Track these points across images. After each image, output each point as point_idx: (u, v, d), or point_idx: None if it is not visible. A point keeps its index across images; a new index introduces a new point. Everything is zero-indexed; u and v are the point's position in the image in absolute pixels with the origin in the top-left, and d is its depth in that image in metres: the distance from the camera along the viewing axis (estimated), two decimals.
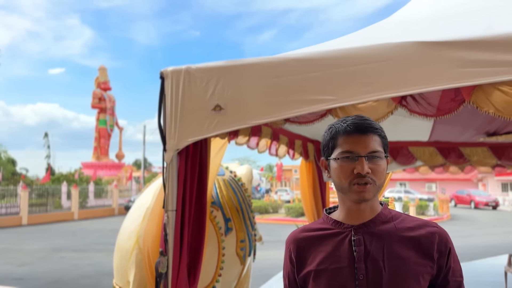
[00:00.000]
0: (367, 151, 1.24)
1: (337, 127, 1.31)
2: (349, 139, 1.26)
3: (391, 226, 1.29)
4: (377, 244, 1.26)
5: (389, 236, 1.27)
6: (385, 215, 1.32)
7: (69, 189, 25.20)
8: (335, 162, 1.28)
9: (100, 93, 40.61)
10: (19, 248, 12.40)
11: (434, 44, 2.14)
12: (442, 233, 1.29)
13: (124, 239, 3.42)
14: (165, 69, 2.61)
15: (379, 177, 1.25)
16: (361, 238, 1.27)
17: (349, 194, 1.27)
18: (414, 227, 1.29)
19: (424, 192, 37.74)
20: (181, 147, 2.58)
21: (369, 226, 1.29)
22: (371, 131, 1.27)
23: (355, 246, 1.26)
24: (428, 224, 1.30)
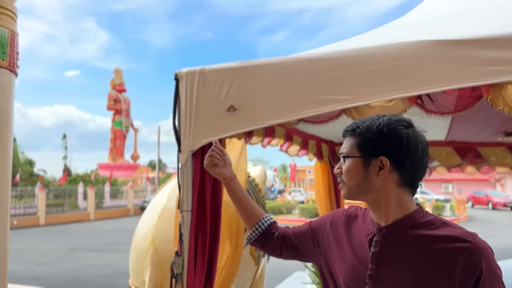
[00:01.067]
0: (340, 152, 1.34)
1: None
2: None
3: (418, 233, 1.21)
4: (394, 250, 1.22)
5: (410, 243, 1.20)
6: (415, 219, 1.23)
7: (85, 189, 25.57)
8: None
9: (116, 95, 41.12)
10: (37, 248, 12.63)
11: (449, 43, 2.11)
12: (476, 251, 1.13)
13: (139, 239, 3.45)
14: (179, 70, 2.63)
15: (346, 178, 1.30)
16: (380, 241, 1.25)
17: None
18: (443, 238, 1.17)
19: (441, 193, 37.23)
20: (196, 148, 2.60)
21: (392, 229, 1.24)
22: (348, 134, 1.33)
23: (373, 247, 1.26)
24: (463, 238, 1.16)
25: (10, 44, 1.37)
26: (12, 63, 1.38)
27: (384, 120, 1.28)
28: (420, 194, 30.27)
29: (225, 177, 1.67)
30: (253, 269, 3.71)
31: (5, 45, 1.35)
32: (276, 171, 50.83)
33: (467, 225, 19.49)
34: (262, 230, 1.61)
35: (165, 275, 3.09)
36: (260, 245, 1.63)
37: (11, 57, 1.37)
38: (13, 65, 1.39)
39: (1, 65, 1.34)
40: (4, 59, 1.34)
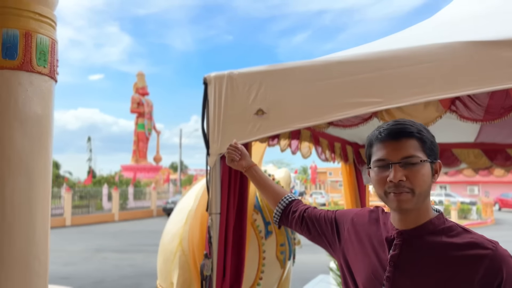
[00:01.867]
0: (399, 157, 1.18)
1: (372, 135, 1.28)
2: (381, 146, 1.22)
3: (438, 240, 1.19)
4: (413, 255, 1.20)
5: (430, 249, 1.18)
6: (435, 225, 1.22)
7: (109, 191, 26.02)
8: (372, 171, 1.26)
9: (139, 98, 41.74)
10: (64, 249, 12.91)
11: (484, 44, 2.07)
12: (497, 258, 1.12)
13: (167, 241, 3.49)
14: (208, 75, 2.65)
15: (417, 184, 1.17)
16: (400, 244, 1.22)
17: (389, 203, 1.23)
18: (463, 246, 1.16)
19: (466, 195, 36.34)
20: (224, 151, 2.61)
21: (412, 234, 1.22)
22: (404, 136, 1.19)
23: (392, 250, 1.24)
24: (483, 245, 1.15)
25: (51, 52, 1.41)
26: (53, 70, 1.42)
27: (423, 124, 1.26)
28: (445, 197, 29.64)
29: (243, 166, 1.84)
30: (279, 272, 3.70)
31: (46, 52, 1.39)
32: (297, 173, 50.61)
33: (494, 228, 18.97)
34: (282, 208, 1.67)
35: (193, 276, 3.12)
36: (283, 223, 1.69)
37: (51, 64, 1.41)
38: (53, 72, 1.43)
39: (43, 72, 1.39)
40: (45, 67, 1.38)
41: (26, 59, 1.35)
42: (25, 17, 1.37)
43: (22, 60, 1.34)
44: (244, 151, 1.89)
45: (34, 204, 1.41)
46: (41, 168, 1.42)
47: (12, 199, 1.36)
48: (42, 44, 1.39)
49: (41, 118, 1.42)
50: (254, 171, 1.83)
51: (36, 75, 1.38)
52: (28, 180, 1.39)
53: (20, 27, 1.36)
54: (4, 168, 1.35)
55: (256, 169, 1.84)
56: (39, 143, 1.41)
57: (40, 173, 1.42)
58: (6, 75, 1.34)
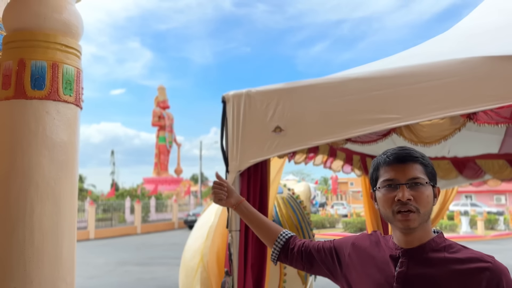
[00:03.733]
0: (407, 178, 1.29)
1: (379, 159, 1.38)
2: (389, 168, 1.33)
3: (441, 256, 1.28)
4: (419, 271, 1.27)
5: (434, 265, 1.27)
6: (437, 244, 1.31)
7: (132, 204, 26.33)
8: (379, 191, 1.34)
9: (160, 111, 42.38)
10: (88, 262, 13.10)
11: (503, 59, 2.05)
12: (496, 270, 1.22)
13: (188, 257, 3.53)
14: (226, 93, 2.69)
15: (422, 205, 1.27)
16: (406, 262, 1.30)
17: (395, 223, 1.31)
18: (465, 260, 1.25)
19: (493, 205, 35.32)
20: (243, 168, 2.64)
21: (417, 252, 1.30)
22: (410, 160, 1.31)
23: (398, 268, 1.30)
24: (483, 259, 1.25)
25: (76, 81, 1.48)
26: (78, 98, 1.48)
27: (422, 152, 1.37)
28: (470, 207, 28.90)
29: (232, 204, 1.78)
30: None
31: (72, 82, 1.46)
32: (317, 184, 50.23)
33: None
34: (280, 247, 1.66)
35: None
36: (283, 261, 1.68)
37: (77, 93, 1.47)
38: (79, 100, 1.49)
39: (69, 100, 1.45)
40: (71, 95, 1.44)
41: (53, 89, 1.41)
42: (52, 49, 1.44)
43: (49, 90, 1.41)
44: (229, 187, 1.81)
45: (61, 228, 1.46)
46: (68, 192, 1.48)
47: (41, 224, 1.42)
48: (68, 74, 1.46)
49: (67, 145, 1.48)
50: (243, 207, 1.77)
51: (63, 104, 1.45)
52: (55, 205, 1.45)
53: (48, 58, 1.43)
54: (32, 193, 1.42)
55: (245, 205, 1.78)
56: (65, 169, 1.47)
57: (67, 197, 1.48)
58: (35, 104, 1.41)
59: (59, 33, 1.46)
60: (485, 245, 15.56)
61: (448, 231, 19.88)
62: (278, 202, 3.81)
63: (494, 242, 17.12)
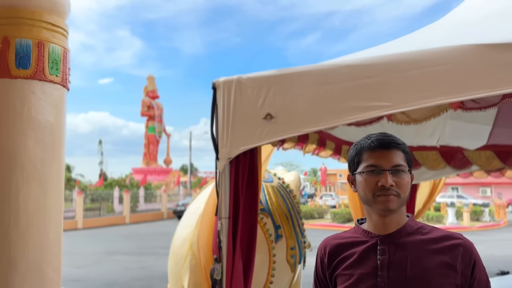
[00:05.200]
0: (391, 165, 1.33)
1: (362, 143, 1.41)
2: (373, 154, 1.36)
3: (416, 238, 1.36)
4: (401, 255, 1.33)
5: (413, 247, 1.34)
6: (411, 227, 1.38)
7: (120, 194, 26.20)
8: (361, 175, 1.38)
9: (149, 101, 42.03)
10: (76, 251, 13.02)
11: (493, 47, 2.05)
12: (467, 245, 1.33)
13: (178, 245, 3.51)
14: (217, 79, 2.66)
15: (403, 190, 1.33)
16: (386, 248, 1.35)
17: (374, 206, 1.35)
18: (439, 239, 1.34)
19: (478, 197, 35.89)
20: (233, 156, 2.62)
21: (394, 237, 1.36)
22: (394, 147, 1.36)
23: (379, 255, 1.35)
24: (454, 236, 1.36)
25: (63, 61, 1.44)
26: (65, 79, 1.45)
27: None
28: (457, 199, 29.33)
29: None
30: (289, 276, 3.70)
31: (59, 62, 1.42)
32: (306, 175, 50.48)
33: (508, 230, 18.70)
34: None
35: (203, 281, 3.13)
36: None
37: (63, 73, 1.43)
38: (65, 81, 1.46)
39: (55, 81, 1.41)
40: (57, 75, 1.41)
41: (39, 68, 1.37)
42: (38, 27, 1.40)
43: (35, 69, 1.37)
44: None
45: (47, 211, 1.43)
46: (54, 175, 1.45)
47: (26, 207, 1.39)
48: (55, 53, 1.42)
49: (53, 126, 1.44)
50: None
51: (49, 84, 1.41)
52: (41, 187, 1.42)
53: (33, 37, 1.39)
54: (18, 175, 1.38)
55: None
56: (52, 151, 1.44)
57: (53, 180, 1.45)
58: (20, 84, 1.37)
59: (45, 11, 1.42)
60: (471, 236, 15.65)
61: (434, 222, 20.14)
62: (268, 191, 3.81)
63: (479, 233, 17.41)
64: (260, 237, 3.35)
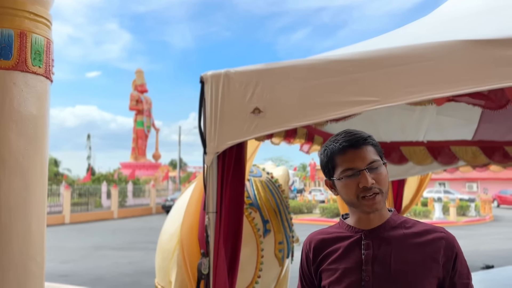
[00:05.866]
0: (366, 163, 1.32)
1: (331, 148, 1.38)
2: (346, 157, 1.34)
3: (400, 232, 1.37)
4: (385, 249, 1.35)
5: (397, 241, 1.35)
6: (394, 221, 1.40)
7: (108, 188, 26.02)
8: (339, 181, 1.37)
9: (137, 95, 41.69)
10: (63, 246, 12.92)
11: (481, 43, 2.06)
12: (449, 238, 1.35)
13: (165, 240, 3.49)
14: (204, 73, 2.64)
15: (383, 185, 1.34)
16: (370, 243, 1.36)
17: (361, 207, 1.35)
18: (422, 233, 1.36)
19: (465, 192, 36.38)
20: (221, 150, 2.61)
21: (378, 231, 1.37)
22: (363, 143, 1.35)
23: (364, 250, 1.36)
24: (436, 229, 1.37)
25: (46, 52, 1.41)
26: (48, 70, 1.41)
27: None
28: (443, 194, 29.69)
29: None
30: (278, 270, 3.71)
31: (42, 52, 1.39)
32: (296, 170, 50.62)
33: (493, 225, 19.01)
34: None
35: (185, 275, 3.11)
36: None
37: (47, 64, 1.40)
38: (49, 72, 1.43)
39: (38, 72, 1.38)
40: (40, 66, 1.38)
41: (21, 59, 1.34)
42: (20, 17, 1.36)
43: (17, 60, 1.33)
44: None
45: (30, 205, 1.41)
46: (37, 168, 1.42)
47: (8, 200, 1.36)
48: (37, 44, 1.39)
49: (36, 118, 1.42)
50: None
51: (31, 75, 1.38)
52: (23, 181, 1.39)
53: (15, 27, 1.35)
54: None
55: None
56: (34, 144, 1.41)
57: (36, 173, 1.42)
58: (1, 75, 1.34)
59: (28, 0, 1.38)
60: (457, 231, 16.04)
61: (422, 217, 20.39)
62: (257, 185, 3.81)
63: (465, 228, 17.68)
64: (248, 232, 3.35)
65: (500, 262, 8.97)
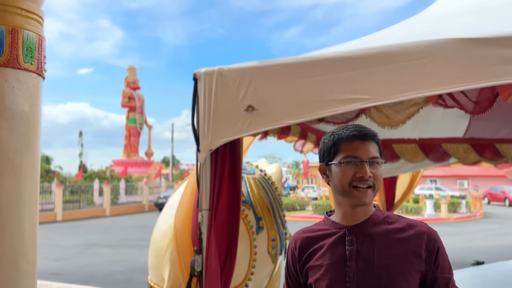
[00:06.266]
0: (369, 156, 1.35)
1: (339, 134, 1.41)
2: (352, 145, 1.37)
3: (383, 228, 1.39)
4: (368, 244, 1.36)
5: (380, 236, 1.37)
6: (378, 217, 1.42)
7: (101, 186, 25.89)
8: (338, 166, 1.38)
9: (130, 92, 41.48)
10: (55, 244, 12.84)
11: (473, 41, 2.08)
12: (431, 233, 1.37)
13: (158, 237, 3.49)
14: (198, 70, 2.64)
15: (378, 182, 1.36)
16: (354, 239, 1.38)
17: (350, 198, 1.37)
18: (404, 228, 1.38)
19: (456, 189, 36.69)
20: (214, 148, 2.61)
21: (362, 227, 1.39)
22: (371, 138, 1.38)
23: (348, 246, 1.37)
24: (418, 224, 1.39)
25: (38, 48, 1.39)
26: (40, 67, 1.40)
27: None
28: (435, 191, 29.93)
29: None
30: (271, 267, 3.72)
31: (33, 49, 1.38)
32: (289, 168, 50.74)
33: (483, 222, 19.21)
34: None
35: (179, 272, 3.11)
36: None
37: (38, 61, 1.39)
38: (41, 69, 1.41)
39: (30, 69, 1.37)
40: (32, 63, 1.36)
41: (12, 55, 1.33)
42: (11, 13, 1.35)
43: (8, 57, 1.32)
44: None
45: (22, 203, 1.40)
46: (29, 166, 1.41)
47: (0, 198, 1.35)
48: (29, 40, 1.38)
49: (28, 116, 1.40)
50: None
51: (23, 72, 1.37)
52: (15, 179, 1.38)
53: (6, 23, 1.34)
54: None
55: None
56: (26, 141, 1.40)
57: (28, 171, 1.41)
58: None
59: None
60: (448, 227, 16.20)
61: (413, 214, 20.56)
62: (250, 182, 3.81)
63: (456, 225, 17.84)
64: (242, 229, 3.35)
65: (491, 258, 9.07)
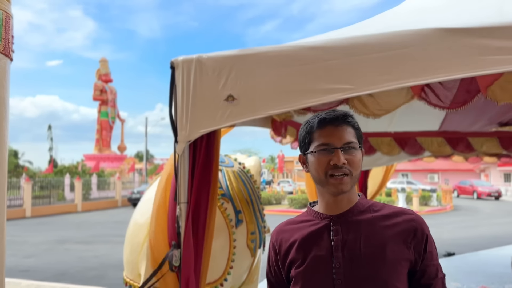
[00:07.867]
0: (342, 142, 1.30)
1: (312, 122, 1.37)
2: (324, 132, 1.32)
3: (368, 216, 1.34)
4: (354, 234, 1.31)
5: (366, 225, 1.32)
6: (362, 205, 1.37)
7: (72, 181, 25.26)
8: (312, 155, 1.34)
9: (102, 85, 40.52)
10: (24, 240, 12.44)
11: (455, 31, 2.08)
12: (418, 220, 1.33)
13: (134, 232, 3.38)
14: (175, 58, 2.55)
15: (355, 168, 1.31)
16: (339, 228, 1.33)
17: (327, 187, 1.32)
18: (391, 215, 1.34)
19: (427, 183, 37.70)
20: (193, 139, 2.54)
21: (346, 216, 1.34)
22: (344, 123, 1.33)
23: (333, 236, 1.32)
24: (404, 212, 1.35)
25: (5, 27, 1.29)
26: (7, 47, 1.30)
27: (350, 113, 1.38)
28: (406, 184, 30.60)
29: None
30: (250, 261, 3.68)
31: (0, 27, 1.27)
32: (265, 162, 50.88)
33: (453, 214, 19.78)
34: None
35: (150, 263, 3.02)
36: None
37: (5, 41, 1.28)
38: (8, 50, 1.31)
39: None
40: None
41: None
42: None
43: None
44: None
45: None
46: None
47: None
48: None
49: None
50: None
51: None
52: None
53: None
54: None
55: None
56: None
57: None
58: None
59: None
60: None
61: None
62: (229, 176, 3.75)
63: (427, 217, 18.30)
64: (221, 222, 3.29)
65: (461, 250, 9.34)
